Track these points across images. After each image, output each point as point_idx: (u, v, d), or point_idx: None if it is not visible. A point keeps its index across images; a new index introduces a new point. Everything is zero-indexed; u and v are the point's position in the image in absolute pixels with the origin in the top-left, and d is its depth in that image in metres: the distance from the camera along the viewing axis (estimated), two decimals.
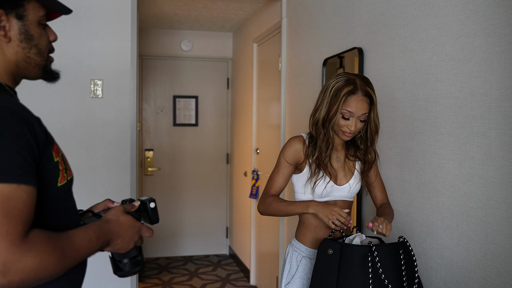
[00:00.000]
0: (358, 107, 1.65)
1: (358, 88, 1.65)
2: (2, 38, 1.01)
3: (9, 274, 0.80)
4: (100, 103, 3.02)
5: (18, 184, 0.85)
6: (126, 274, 1.17)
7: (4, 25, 1.01)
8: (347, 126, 1.68)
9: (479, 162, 1.46)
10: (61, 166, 1.00)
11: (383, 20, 2.00)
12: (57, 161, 0.99)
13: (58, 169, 0.99)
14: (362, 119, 1.69)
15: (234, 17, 4.38)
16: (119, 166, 3.05)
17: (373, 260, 1.47)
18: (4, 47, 1.03)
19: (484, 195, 1.44)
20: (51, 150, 0.98)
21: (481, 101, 1.45)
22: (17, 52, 1.04)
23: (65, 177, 1.02)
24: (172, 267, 4.76)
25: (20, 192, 0.85)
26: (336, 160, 1.81)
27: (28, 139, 0.89)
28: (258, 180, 4.00)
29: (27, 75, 1.10)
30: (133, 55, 3.06)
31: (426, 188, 1.72)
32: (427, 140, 1.71)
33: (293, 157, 1.78)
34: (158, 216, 1.23)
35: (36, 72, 1.10)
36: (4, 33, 1.01)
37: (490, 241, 1.42)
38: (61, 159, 1.02)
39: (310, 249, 1.81)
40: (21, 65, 1.06)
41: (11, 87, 1.07)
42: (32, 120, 0.93)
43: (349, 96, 1.65)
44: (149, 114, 4.97)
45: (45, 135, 0.96)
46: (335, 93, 1.66)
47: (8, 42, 1.02)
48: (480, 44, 1.45)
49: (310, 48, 2.86)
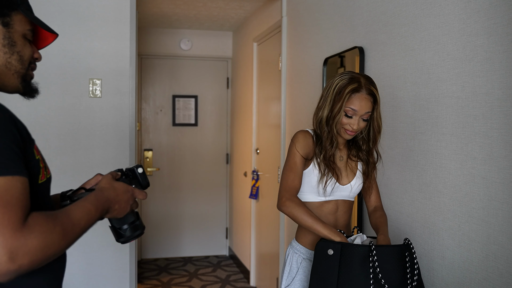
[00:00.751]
0: (361, 106, 1.65)
1: (362, 86, 1.65)
2: None
3: (18, 259, 0.84)
4: (98, 102, 3.02)
5: (13, 175, 0.89)
6: (128, 240, 1.24)
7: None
8: (350, 125, 1.68)
9: (481, 162, 1.46)
10: (41, 164, 1.05)
11: (384, 19, 2.00)
12: (38, 158, 1.04)
13: (39, 167, 1.04)
14: (365, 118, 1.68)
15: (234, 16, 4.38)
16: (118, 166, 3.05)
17: (374, 261, 1.47)
18: None
19: (486, 196, 1.44)
20: (33, 148, 1.02)
21: (483, 100, 1.45)
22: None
23: (45, 175, 1.06)
24: (171, 268, 4.76)
25: (15, 182, 0.89)
26: (339, 159, 1.80)
27: (14, 134, 0.94)
28: (258, 181, 4.00)
29: (5, 83, 1.13)
30: (132, 54, 3.06)
31: (427, 189, 1.72)
32: (428, 140, 1.71)
33: (305, 150, 1.74)
34: (148, 181, 1.32)
35: (14, 80, 1.13)
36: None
37: (492, 242, 1.42)
38: (41, 158, 1.06)
39: (311, 251, 1.81)
40: (1, 70, 1.10)
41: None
42: (14, 117, 0.98)
43: (353, 94, 1.65)
44: (148, 114, 4.97)
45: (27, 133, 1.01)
46: (339, 91, 1.66)
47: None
48: (482, 43, 1.45)
49: (310, 47, 2.86)
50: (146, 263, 4.89)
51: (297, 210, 1.66)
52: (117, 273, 3.08)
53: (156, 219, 5.00)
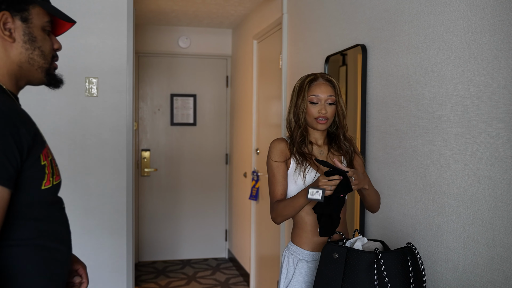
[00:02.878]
0: (322, 90, 1.81)
1: (318, 76, 1.85)
2: (7, 38, 1.09)
3: None
4: (95, 101, 3.02)
5: None
6: None
7: (10, 27, 1.09)
8: (319, 111, 1.80)
9: (486, 162, 1.46)
10: (47, 169, 1.05)
11: (387, 16, 2.00)
12: (44, 164, 1.04)
13: (44, 172, 1.04)
14: (330, 101, 1.82)
15: (233, 13, 4.38)
16: (115, 167, 3.06)
17: (380, 267, 1.47)
18: (8, 48, 1.10)
19: (492, 197, 1.44)
20: (40, 153, 1.03)
21: (488, 99, 1.45)
22: (20, 53, 1.11)
23: (50, 181, 1.06)
24: (169, 271, 4.76)
25: None
26: (320, 154, 1.87)
27: (7, 141, 0.94)
28: (258, 181, 4.00)
29: (30, 78, 1.15)
30: (129, 52, 3.07)
31: (431, 190, 1.72)
32: (432, 140, 1.71)
33: (281, 155, 1.85)
34: None
35: (39, 75, 1.16)
36: (9, 33, 1.09)
37: (498, 244, 1.42)
38: (48, 163, 1.06)
39: (307, 251, 1.82)
40: (24, 66, 1.12)
41: (12, 92, 1.12)
42: (18, 122, 0.98)
43: (312, 83, 1.83)
44: (145, 113, 4.98)
45: (33, 138, 1.01)
46: (300, 87, 1.86)
47: (12, 42, 1.10)
48: (487, 41, 1.45)
49: (311, 45, 2.86)
50: (144, 265, 4.89)
51: (281, 210, 1.80)
52: (114, 276, 3.08)
53: (154, 221, 5.00)
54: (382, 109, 2.04)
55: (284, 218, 1.81)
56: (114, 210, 3.07)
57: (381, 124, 2.05)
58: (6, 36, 1.09)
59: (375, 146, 2.10)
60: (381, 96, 2.05)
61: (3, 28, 1.08)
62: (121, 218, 3.08)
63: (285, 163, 1.85)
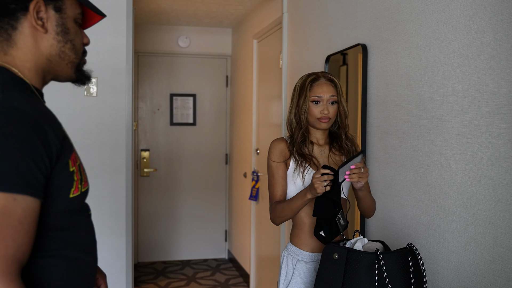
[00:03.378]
0: (324, 90, 1.81)
1: (320, 76, 1.84)
2: (39, 28, 1.01)
3: None
4: (94, 101, 3.02)
5: (15, 194, 0.81)
6: None
7: (42, 16, 1.01)
8: (321, 111, 1.80)
9: (488, 162, 1.46)
10: (76, 176, 0.98)
11: (388, 16, 2.00)
12: (72, 170, 0.97)
13: (73, 179, 0.96)
14: (332, 101, 1.82)
15: (233, 12, 4.38)
16: (114, 167, 3.05)
17: (380, 268, 1.47)
18: (39, 39, 1.02)
19: (493, 197, 1.44)
20: (68, 158, 0.95)
21: (489, 99, 1.45)
22: (51, 45, 1.03)
23: (79, 188, 0.99)
24: (169, 271, 4.76)
25: (15, 206, 0.81)
26: (321, 154, 1.87)
27: (37, 148, 0.86)
28: (258, 182, 4.00)
29: (58, 73, 1.08)
30: (129, 52, 3.06)
31: (432, 190, 1.72)
32: (433, 140, 1.71)
33: (280, 155, 1.85)
34: None
35: (68, 70, 1.08)
36: (42, 23, 1.01)
37: (499, 245, 1.42)
38: (77, 169, 0.99)
39: (305, 252, 1.82)
40: (54, 60, 1.05)
41: (37, 88, 1.05)
42: (46, 126, 0.90)
43: (314, 83, 1.83)
44: (145, 113, 4.98)
45: (62, 143, 0.94)
46: (301, 87, 1.85)
47: (44, 33, 1.02)
48: (488, 40, 1.45)
49: (312, 44, 2.86)
50: (143, 266, 4.89)
51: (279, 212, 1.80)
52: (113, 277, 3.08)
53: (154, 221, 5.00)
54: (382, 109, 2.04)
55: (282, 219, 1.82)
56: (113, 210, 3.07)
57: (382, 124, 2.05)
58: (38, 26, 1.00)
59: (376, 146, 2.10)
60: (381, 96, 2.05)
61: (36, 17, 1.00)
62: (120, 218, 3.08)
63: (284, 163, 1.85)
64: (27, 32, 1.00)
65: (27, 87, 1.00)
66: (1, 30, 1.00)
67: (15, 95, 0.92)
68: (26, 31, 1.00)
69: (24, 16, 0.99)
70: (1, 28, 1.00)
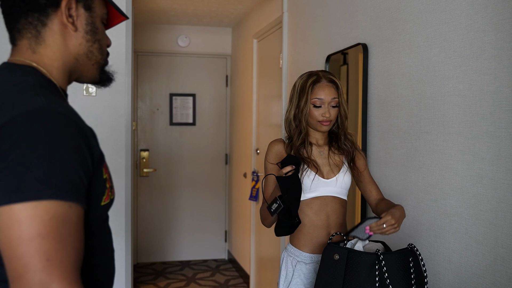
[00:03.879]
0: (326, 93, 1.78)
1: (321, 77, 1.81)
2: (70, 25, 0.98)
3: None
4: (93, 101, 3.02)
5: (70, 202, 0.80)
6: None
7: (73, 14, 0.98)
8: (322, 114, 1.78)
9: (489, 163, 1.46)
10: (108, 183, 0.96)
11: (388, 15, 2.00)
12: (105, 178, 0.95)
13: (105, 187, 0.94)
14: (333, 104, 1.80)
15: (233, 12, 4.38)
16: (113, 168, 3.05)
17: (381, 269, 1.47)
18: (68, 37, 0.99)
19: (494, 197, 1.44)
20: (102, 166, 0.94)
21: (490, 99, 1.45)
22: (80, 44, 1.01)
23: (109, 196, 0.97)
24: (168, 272, 4.76)
25: (71, 214, 0.80)
26: (320, 154, 1.86)
27: (84, 153, 0.85)
28: (258, 182, 4.00)
29: (83, 73, 1.05)
30: (128, 51, 3.06)
31: (433, 190, 1.72)
32: (434, 140, 1.71)
33: (277, 157, 1.84)
34: None
35: (93, 71, 1.06)
36: (72, 21, 0.98)
37: (500, 245, 1.42)
38: (108, 177, 0.97)
39: (305, 253, 1.82)
40: (81, 59, 1.02)
41: (63, 89, 1.02)
42: (87, 132, 0.89)
43: (315, 85, 1.80)
44: (144, 113, 4.97)
45: (99, 149, 0.92)
46: (302, 88, 1.82)
47: (74, 31, 0.99)
48: (489, 40, 1.45)
49: (312, 44, 2.86)
50: (142, 267, 4.89)
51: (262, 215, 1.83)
52: None
53: (153, 222, 5.00)
54: (383, 109, 2.04)
55: (268, 222, 1.84)
56: (113, 210, 3.07)
57: (383, 124, 2.05)
58: (69, 24, 0.97)
59: (376, 146, 2.10)
60: (382, 96, 2.05)
61: (68, 14, 0.97)
62: (119, 219, 3.08)
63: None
64: (57, 29, 0.97)
65: (56, 88, 0.97)
66: (30, 26, 0.96)
67: (54, 99, 0.89)
68: (56, 28, 0.97)
69: (55, 12, 0.96)
70: (30, 24, 0.96)
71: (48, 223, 0.77)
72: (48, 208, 0.77)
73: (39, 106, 0.83)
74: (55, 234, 0.77)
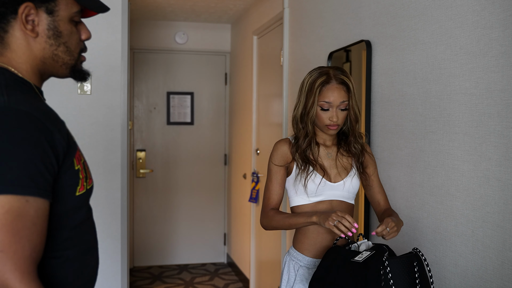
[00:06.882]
0: (334, 96, 1.73)
1: (331, 77, 1.74)
2: (29, 32, 1.03)
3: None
4: (88, 100, 3.02)
5: (27, 196, 0.86)
6: None
7: (33, 19, 1.03)
8: (330, 118, 1.74)
9: (496, 163, 1.46)
10: (81, 174, 1.02)
11: (392, 11, 2.00)
12: (78, 169, 1.01)
13: (78, 178, 1.01)
14: (342, 107, 1.75)
15: (232, 8, 4.39)
16: (109, 168, 3.06)
17: (386, 274, 1.47)
18: (31, 42, 1.04)
19: (502, 199, 1.44)
20: (73, 157, 0.99)
21: (498, 97, 1.45)
22: (44, 49, 1.06)
23: (84, 186, 1.03)
24: (166, 276, 4.76)
25: (28, 208, 0.86)
26: (327, 156, 1.84)
27: (45, 148, 0.91)
28: (258, 183, 4.00)
29: (54, 73, 1.12)
30: (124, 48, 3.07)
31: (439, 192, 1.72)
32: (440, 139, 1.71)
33: (281, 159, 1.82)
34: None
35: (64, 71, 1.12)
36: (32, 27, 1.03)
37: (508, 249, 1.42)
38: (82, 167, 1.03)
39: (308, 258, 1.82)
40: (48, 62, 1.07)
41: (38, 87, 1.08)
42: (52, 127, 0.95)
43: (324, 87, 1.74)
44: (141, 112, 4.98)
45: (67, 142, 0.98)
46: (310, 87, 1.76)
47: (35, 37, 1.04)
48: (497, 36, 1.45)
49: (314, 40, 2.86)
50: (139, 271, 4.89)
51: (272, 221, 1.79)
52: (108, 282, 3.08)
53: (150, 224, 5.01)
54: (387, 108, 2.04)
55: (275, 229, 1.82)
56: (108, 213, 3.07)
57: (387, 123, 2.05)
58: (28, 31, 1.02)
59: (380, 146, 2.10)
60: (386, 94, 2.05)
61: (25, 21, 1.01)
62: (115, 221, 3.08)
63: (285, 168, 1.83)
64: (19, 35, 1.03)
65: (28, 86, 1.04)
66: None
67: (19, 97, 0.95)
68: (17, 34, 1.03)
69: (15, 19, 1.02)
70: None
71: (2, 216, 0.84)
72: (4, 203, 0.84)
73: (0, 106, 0.91)
74: (9, 227, 0.84)
